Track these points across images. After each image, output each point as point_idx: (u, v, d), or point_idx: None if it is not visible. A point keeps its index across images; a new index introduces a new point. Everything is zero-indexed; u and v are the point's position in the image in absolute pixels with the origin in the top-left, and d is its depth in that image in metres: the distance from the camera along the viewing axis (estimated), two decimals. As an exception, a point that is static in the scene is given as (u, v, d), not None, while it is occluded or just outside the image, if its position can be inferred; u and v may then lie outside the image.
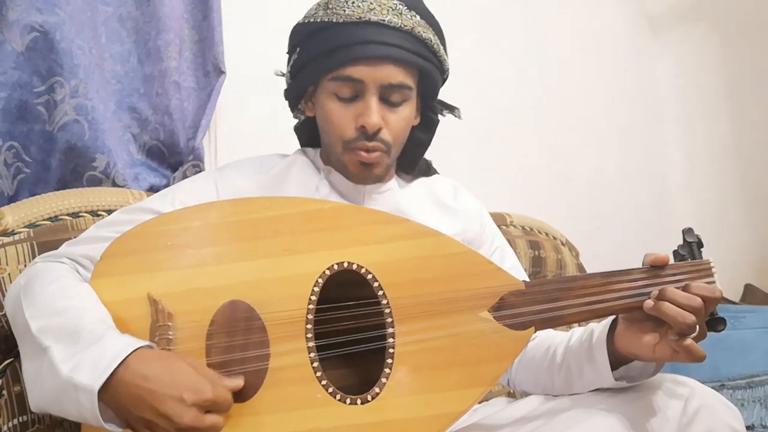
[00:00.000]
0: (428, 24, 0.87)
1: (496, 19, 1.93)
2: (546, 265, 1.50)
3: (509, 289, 0.77)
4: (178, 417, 0.62)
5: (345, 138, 0.86)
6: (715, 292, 0.74)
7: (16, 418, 0.83)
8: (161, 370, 0.64)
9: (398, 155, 0.93)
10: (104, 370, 0.62)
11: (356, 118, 0.85)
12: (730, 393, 1.58)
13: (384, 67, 0.83)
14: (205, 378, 0.65)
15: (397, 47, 0.83)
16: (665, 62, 2.42)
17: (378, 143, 0.85)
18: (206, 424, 0.63)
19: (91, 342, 0.65)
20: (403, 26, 0.83)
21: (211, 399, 0.63)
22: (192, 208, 0.80)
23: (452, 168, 1.23)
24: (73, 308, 0.69)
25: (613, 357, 0.78)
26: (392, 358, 0.73)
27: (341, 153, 0.87)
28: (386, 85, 0.84)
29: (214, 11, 1.24)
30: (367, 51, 0.82)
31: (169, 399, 0.62)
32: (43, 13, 1.00)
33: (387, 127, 0.85)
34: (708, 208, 2.34)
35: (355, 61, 0.83)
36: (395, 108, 0.86)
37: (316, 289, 0.75)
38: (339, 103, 0.86)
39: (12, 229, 0.90)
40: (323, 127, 0.90)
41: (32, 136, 1.02)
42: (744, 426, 0.76)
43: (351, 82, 0.84)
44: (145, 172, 1.18)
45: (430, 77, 0.89)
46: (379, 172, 0.89)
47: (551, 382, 0.86)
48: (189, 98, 1.24)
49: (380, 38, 0.83)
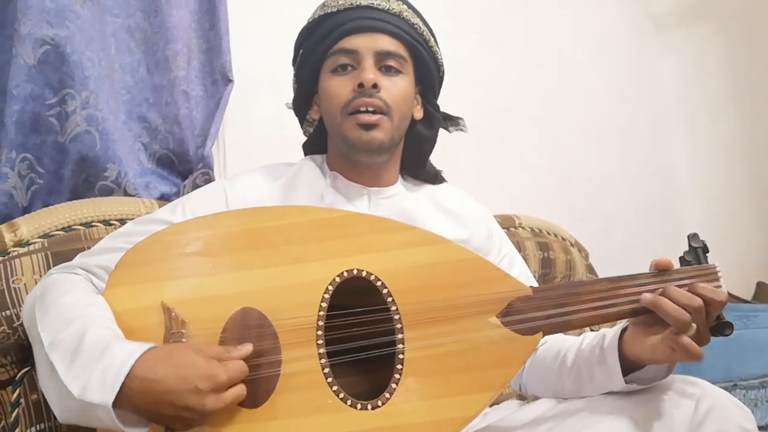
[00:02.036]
0: (415, 14, 0.93)
1: (498, 20, 1.93)
2: (555, 266, 1.50)
3: (517, 294, 0.78)
4: (201, 407, 0.64)
5: (343, 102, 0.87)
6: (719, 295, 0.74)
7: (34, 426, 0.85)
8: (169, 369, 0.65)
9: (401, 143, 0.94)
10: (112, 385, 0.63)
11: (354, 82, 0.87)
12: (743, 393, 1.57)
13: (377, 36, 0.88)
14: (213, 360, 0.67)
15: (387, 23, 0.89)
16: (668, 62, 2.40)
17: (377, 100, 0.86)
18: (229, 400, 0.66)
19: (95, 357, 0.66)
20: (391, 9, 0.90)
21: (225, 380, 0.66)
22: (204, 217, 0.81)
23: (456, 171, 1.23)
24: (79, 323, 0.69)
25: (624, 361, 0.78)
26: (402, 364, 0.74)
27: (341, 122, 0.88)
28: (380, 52, 0.88)
29: (221, 20, 1.25)
30: (360, 23, 0.88)
31: (185, 393, 0.64)
32: (54, 27, 1.01)
33: (385, 89, 0.87)
34: (716, 207, 2.33)
35: (348, 33, 0.88)
36: (392, 77, 0.89)
37: (327, 296, 0.75)
38: (337, 76, 0.89)
39: (27, 240, 0.91)
40: (326, 107, 0.91)
41: (45, 147, 1.04)
42: (756, 427, 0.76)
43: (346, 53, 0.88)
44: (156, 180, 1.20)
45: (424, 64, 0.93)
46: (380, 137, 0.87)
47: (561, 386, 0.87)
48: (197, 107, 1.25)
49: (371, 15, 0.89)
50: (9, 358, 0.85)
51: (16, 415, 0.85)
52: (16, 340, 0.85)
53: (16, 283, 0.87)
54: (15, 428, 0.84)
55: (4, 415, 0.85)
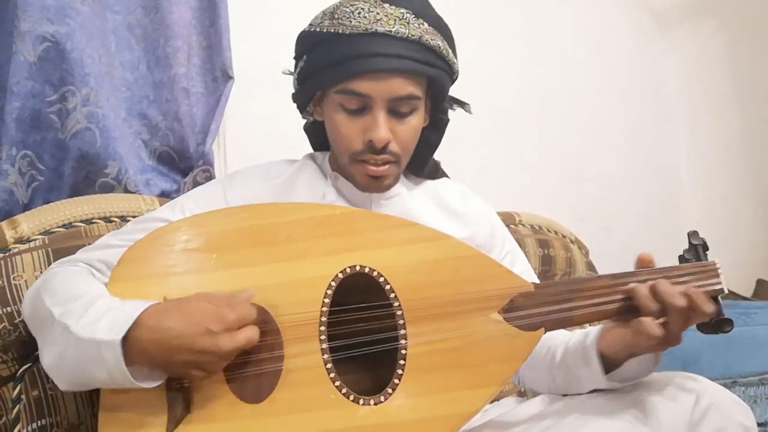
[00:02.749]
0: (436, 30, 0.85)
1: (499, 19, 1.93)
2: (555, 263, 1.50)
3: (519, 290, 0.78)
4: (215, 347, 0.66)
5: (352, 150, 0.85)
6: (707, 306, 0.73)
7: (36, 422, 0.85)
8: (179, 315, 0.67)
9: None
10: (123, 324, 0.66)
11: (364, 131, 0.84)
12: (743, 390, 1.57)
13: (391, 80, 0.82)
14: (221, 303, 0.68)
15: (404, 59, 0.81)
16: (670, 60, 2.40)
17: (387, 156, 0.85)
18: (243, 341, 0.67)
19: (106, 309, 0.68)
20: (411, 36, 0.82)
21: (235, 318, 0.67)
22: (205, 214, 0.81)
23: (458, 169, 1.23)
24: (90, 292, 0.72)
25: (606, 359, 0.79)
26: (404, 359, 0.74)
27: (349, 164, 0.87)
28: (394, 99, 0.83)
29: (221, 17, 1.25)
30: (373, 65, 0.80)
31: (199, 336, 0.65)
32: (54, 24, 1.01)
33: (395, 138, 0.84)
34: (718, 205, 2.33)
35: (360, 76, 0.81)
36: (404, 119, 0.85)
37: (329, 292, 0.76)
38: (346, 115, 0.84)
39: (27, 237, 0.91)
40: (331, 137, 0.90)
41: (45, 144, 1.04)
42: (755, 424, 0.76)
43: (357, 96, 0.83)
44: (156, 177, 1.20)
45: (439, 83, 0.88)
46: (388, 182, 0.88)
47: (553, 381, 0.87)
48: (198, 104, 1.25)
49: (387, 50, 0.81)
50: (10, 354, 0.85)
51: (17, 411, 0.85)
52: (17, 336, 0.85)
53: (16, 279, 0.87)
54: (16, 424, 0.84)
55: (6, 411, 0.85)
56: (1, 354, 0.84)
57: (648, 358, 0.78)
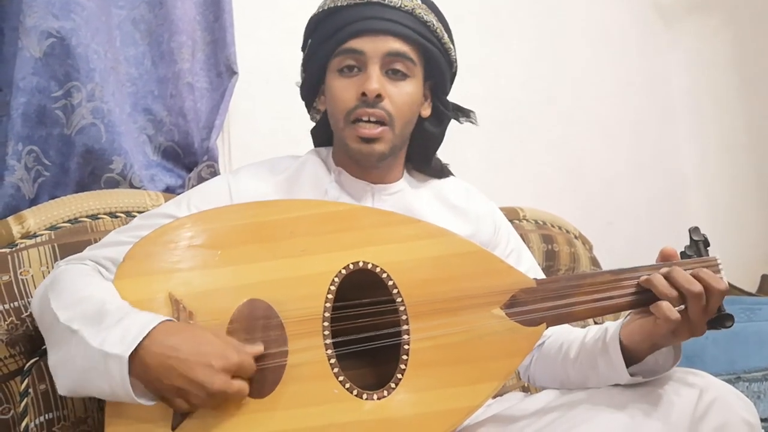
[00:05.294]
0: (429, 9, 0.90)
1: (505, 15, 1.92)
2: (559, 258, 1.50)
3: (521, 286, 0.78)
4: (209, 383, 0.65)
5: (347, 109, 0.87)
6: (719, 283, 0.74)
7: (43, 416, 0.86)
8: (188, 339, 0.67)
9: (406, 144, 0.94)
10: (133, 340, 0.65)
11: (358, 88, 0.86)
12: (746, 385, 1.57)
13: (385, 38, 0.86)
14: (229, 344, 0.69)
15: (398, 24, 0.86)
16: (675, 55, 2.39)
17: (379, 111, 0.85)
18: (234, 388, 0.67)
19: (117, 319, 0.68)
20: (404, 6, 0.87)
21: (237, 363, 0.67)
22: (210, 210, 0.81)
23: (464, 165, 1.23)
24: (96, 296, 0.72)
25: (626, 353, 0.79)
26: (407, 354, 0.75)
27: (343, 128, 0.88)
28: (387, 53, 0.86)
29: (225, 12, 1.25)
30: (369, 24, 0.85)
31: (199, 366, 0.65)
32: (59, 19, 1.01)
33: (389, 98, 0.86)
34: (722, 201, 2.32)
35: (356, 34, 0.86)
36: (398, 81, 0.87)
37: (333, 287, 0.76)
38: (343, 78, 0.88)
39: (34, 232, 0.92)
40: (330, 108, 0.91)
41: (51, 140, 1.04)
42: (759, 419, 0.76)
43: (353, 54, 0.86)
44: (161, 173, 1.20)
45: (435, 62, 0.90)
46: (381, 149, 0.87)
47: (566, 375, 0.87)
48: (202, 99, 1.26)
49: (382, 15, 0.86)
50: (18, 348, 0.86)
51: (24, 404, 0.86)
52: (25, 330, 0.86)
53: (23, 274, 0.88)
54: (24, 417, 0.85)
55: (13, 404, 0.86)
56: (9, 348, 0.85)
57: (666, 352, 0.78)
